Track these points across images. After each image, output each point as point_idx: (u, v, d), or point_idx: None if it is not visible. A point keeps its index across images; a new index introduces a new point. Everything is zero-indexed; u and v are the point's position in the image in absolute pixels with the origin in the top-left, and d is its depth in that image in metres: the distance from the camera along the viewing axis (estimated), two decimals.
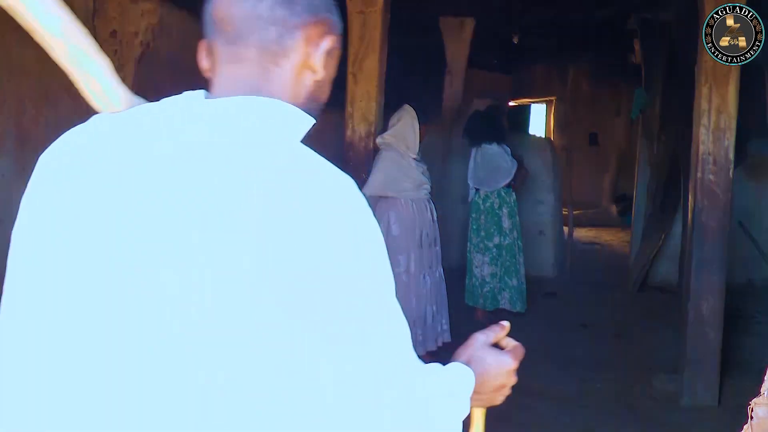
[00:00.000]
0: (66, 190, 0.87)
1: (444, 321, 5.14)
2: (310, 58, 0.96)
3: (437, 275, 5.11)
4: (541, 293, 7.42)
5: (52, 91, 4.88)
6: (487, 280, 6.23)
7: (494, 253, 6.29)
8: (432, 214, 5.11)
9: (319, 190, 0.81)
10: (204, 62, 0.99)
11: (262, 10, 0.92)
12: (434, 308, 5.04)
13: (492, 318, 6.29)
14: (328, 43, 0.98)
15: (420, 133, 5.01)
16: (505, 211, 6.31)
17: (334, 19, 1.00)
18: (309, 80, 0.97)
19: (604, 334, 5.94)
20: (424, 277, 4.99)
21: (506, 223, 6.31)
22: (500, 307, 6.31)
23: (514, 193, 6.39)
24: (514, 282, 6.34)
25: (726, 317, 4.60)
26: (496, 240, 6.29)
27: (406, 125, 4.96)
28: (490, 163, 6.27)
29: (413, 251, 4.95)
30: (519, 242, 6.44)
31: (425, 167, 5.13)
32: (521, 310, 6.35)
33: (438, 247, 5.14)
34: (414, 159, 5.01)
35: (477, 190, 6.33)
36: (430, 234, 5.05)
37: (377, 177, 4.91)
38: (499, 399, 1.12)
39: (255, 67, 0.93)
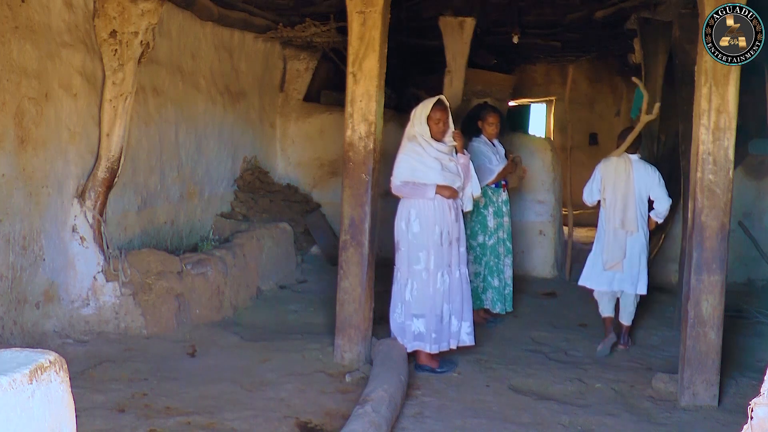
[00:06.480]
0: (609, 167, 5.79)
1: (466, 324, 5.10)
2: None
3: (457, 275, 5.08)
4: (541, 293, 7.43)
5: (52, 91, 4.88)
6: (471, 279, 6.06)
7: (477, 252, 6.25)
8: (455, 214, 5.09)
9: (653, 168, 5.74)
10: None
11: None
12: (450, 307, 5.03)
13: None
14: None
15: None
16: (490, 210, 6.26)
17: None
18: None
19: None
20: (441, 275, 4.98)
21: (491, 223, 6.26)
22: (484, 306, 6.29)
23: (504, 193, 6.33)
24: (496, 282, 6.29)
25: (726, 317, 4.60)
26: (480, 239, 6.26)
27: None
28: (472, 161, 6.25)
29: (432, 248, 4.95)
30: (507, 243, 6.37)
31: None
32: (501, 312, 6.32)
33: (462, 248, 5.14)
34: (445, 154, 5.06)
35: None
36: (451, 233, 5.04)
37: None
38: None
39: None
